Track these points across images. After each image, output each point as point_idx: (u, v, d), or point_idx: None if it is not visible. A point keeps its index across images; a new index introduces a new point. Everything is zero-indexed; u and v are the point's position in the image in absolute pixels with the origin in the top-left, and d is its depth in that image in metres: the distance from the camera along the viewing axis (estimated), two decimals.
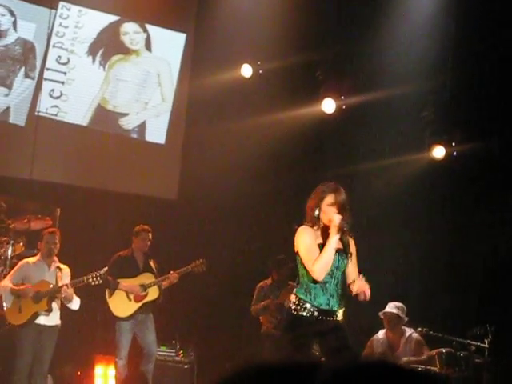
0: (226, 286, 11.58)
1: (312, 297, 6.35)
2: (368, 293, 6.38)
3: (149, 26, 12.27)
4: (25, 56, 11.45)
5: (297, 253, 6.44)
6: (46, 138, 11.45)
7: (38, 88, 11.45)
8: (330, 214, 6.28)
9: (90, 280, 8.80)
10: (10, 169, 11.27)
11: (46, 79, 11.49)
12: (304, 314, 6.33)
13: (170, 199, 12.06)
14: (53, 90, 11.54)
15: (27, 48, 11.45)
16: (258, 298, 10.50)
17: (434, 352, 9.31)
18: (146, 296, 9.72)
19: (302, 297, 6.37)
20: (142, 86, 12.19)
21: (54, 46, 11.54)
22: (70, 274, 9.01)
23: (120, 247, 10.94)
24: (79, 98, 11.76)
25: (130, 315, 9.65)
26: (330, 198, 6.35)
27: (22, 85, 11.44)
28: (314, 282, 6.34)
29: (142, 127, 12.22)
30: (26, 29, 11.46)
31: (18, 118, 11.43)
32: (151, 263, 9.90)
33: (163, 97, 12.33)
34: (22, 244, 10.20)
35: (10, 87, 11.38)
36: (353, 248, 6.58)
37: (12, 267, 9.24)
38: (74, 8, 11.71)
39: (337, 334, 6.39)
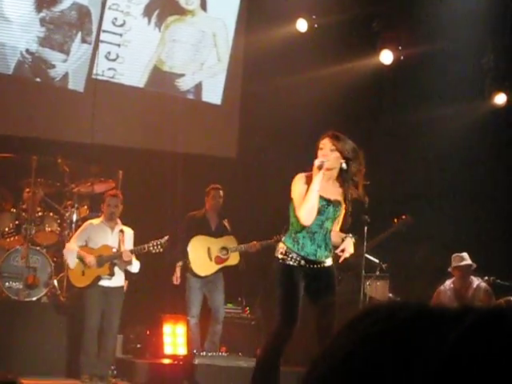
0: None
1: (300, 246, 6.24)
2: (346, 254, 6.25)
3: None
4: (81, 21, 11.49)
5: (291, 200, 6.33)
6: (104, 101, 11.52)
7: (94, 52, 11.51)
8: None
9: (151, 248, 8.87)
10: (72, 134, 11.38)
11: (102, 41, 11.53)
12: (291, 263, 6.24)
13: (230, 157, 12.08)
14: (109, 53, 11.58)
15: (83, 12, 11.48)
16: None
17: (502, 301, 9.22)
18: (227, 260, 9.76)
19: (290, 246, 6.27)
20: (198, 46, 12.16)
21: (109, 9, 11.56)
22: (133, 235, 9.10)
23: (181, 207, 11.03)
24: (135, 60, 11.79)
25: (206, 276, 9.67)
26: (319, 144, 6.25)
27: (80, 50, 11.50)
28: (303, 231, 6.23)
29: (198, 88, 12.20)
30: None
31: (76, 83, 11.51)
32: (226, 224, 9.91)
33: (219, 57, 12.28)
34: (86, 207, 10.36)
35: (67, 53, 11.44)
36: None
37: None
38: None
39: (322, 278, 6.31)
